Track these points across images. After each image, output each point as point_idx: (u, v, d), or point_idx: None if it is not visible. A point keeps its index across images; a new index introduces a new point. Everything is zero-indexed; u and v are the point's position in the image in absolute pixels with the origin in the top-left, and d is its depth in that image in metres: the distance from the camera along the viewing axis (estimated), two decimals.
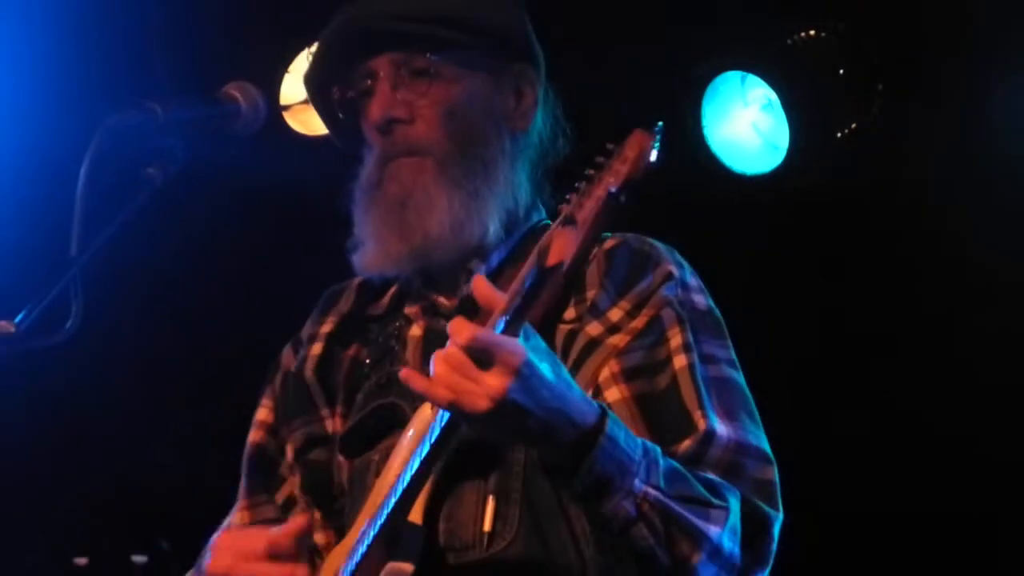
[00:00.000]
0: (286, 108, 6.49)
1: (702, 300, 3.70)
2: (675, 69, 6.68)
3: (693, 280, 3.72)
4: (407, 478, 3.45)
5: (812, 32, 6.66)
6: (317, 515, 3.82)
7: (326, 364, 3.90)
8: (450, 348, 3.18)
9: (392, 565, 3.49)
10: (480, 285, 3.28)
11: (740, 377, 3.69)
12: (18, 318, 3.31)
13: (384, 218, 3.73)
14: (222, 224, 6.24)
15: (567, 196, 3.33)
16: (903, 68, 6.64)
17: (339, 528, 3.71)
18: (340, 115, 3.87)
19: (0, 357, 3.28)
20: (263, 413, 4.00)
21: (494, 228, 3.73)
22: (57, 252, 3.40)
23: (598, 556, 3.49)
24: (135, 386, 6.32)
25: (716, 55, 6.70)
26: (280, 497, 3.93)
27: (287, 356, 4.01)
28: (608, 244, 3.70)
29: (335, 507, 3.76)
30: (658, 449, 3.38)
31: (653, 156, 3.24)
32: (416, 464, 3.44)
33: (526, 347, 3.19)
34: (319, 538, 3.78)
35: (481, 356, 3.14)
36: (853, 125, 6.65)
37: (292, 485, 3.91)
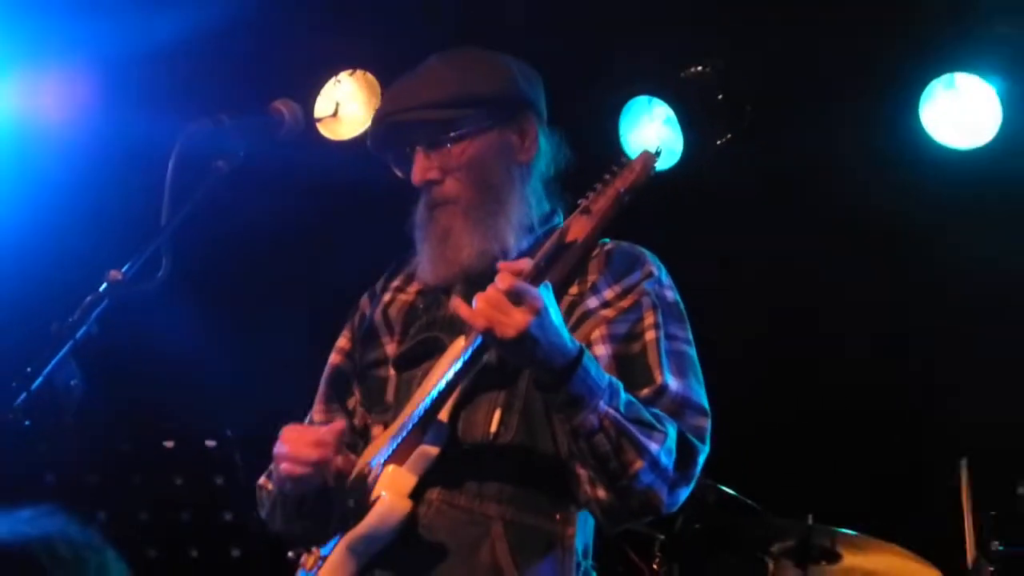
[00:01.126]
0: (318, 120, 6.44)
1: (671, 295, 3.68)
2: (601, 93, 6.73)
3: (667, 280, 3.71)
4: (442, 386, 3.50)
5: (699, 68, 6.69)
6: (371, 417, 3.83)
7: (392, 307, 3.91)
8: (490, 290, 3.25)
9: (423, 448, 3.55)
10: (505, 264, 3.34)
11: (693, 351, 3.66)
12: (124, 268, 3.34)
13: (434, 248, 3.72)
14: (270, 202, 6.25)
15: (586, 193, 3.35)
16: (765, 94, 6.70)
17: (384, 424, 3.73)
18: (397, 172, 3.85)
19: (113, 296, 3.31)
20: (343, 341, 3.99)
21: (514, 242, 3.70)
22: (152, 222, 3.42)
23: (569, 457, 3.48)
24: (212, 319, 6.32)
25: (631, 84, 6.75)
26: (350, 404, 3.93)
27: (364, 302, 4.00)
28: (608, 247, 3.69)
29: (383, 409, 3.76)
30: (621, 384, 3.41)
31: (654, 171, 3.33)
32: (450, 376, 3.49)
33: (544, 296, 3.26)
34: (375, 432, 3.78)
35: (514, 299, 3.22)
36: (728, 135, 6.70)
37: (357, 395, 3.92)
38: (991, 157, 6.43)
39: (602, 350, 3.56)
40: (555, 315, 3.30)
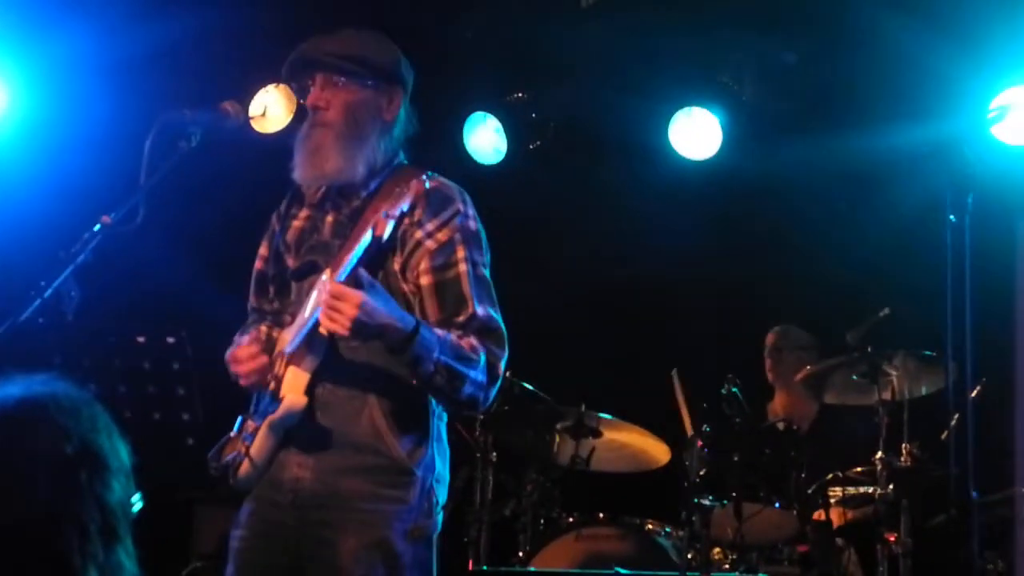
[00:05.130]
0: (252, 118, 6.30)
1: (474, 224, 3.53)
2: (450, 105, 6.76)
3: (472, 212, 3.54)
4: (315, 318, 3.40)
5: (520, 95, 6.76)
6: (282, 310, 3.70)
7: (289, 232, 3.74)
8: (324, 298, 3.25)
9: (310, 357, 3.48)
10: (332, 283, 3.29)
11: (488, 272, 3.53)
12: (112, 215, 3.30)
13: (306, 157, 3.59)
14: (219, 174, 6.12)
15: (389, 204, 3.36)
16: (564, 116, 6.80)
17: (292, 315, 3.62)
18: (299, 98, 3.74)
19: (103, 234, 3.28)
20: (263, 250, 3.80)
21: (361, 171, 3.59)
22: (133, 183, 3.38)
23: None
24: (173, 253, 6.15)
25: (474, 103, 6.78)
26: (269, 296, 3.79)
27: (274, 220, 3.82)
28: (429, 187, 3.46)
29: (287, 305, 3.67)
30: (449, 337, 3.37)
31: (425, 192, 3.40)
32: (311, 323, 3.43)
33: (365, 291, 3.23)
34: (286, 319, 3.66)
35: (342, 301, 3.22)
36: (538, 142, 6.77)
37: (271, 292, 3.78)
38: (715, 164, 6.71)
39: (426, 280, 3.46)
40: (380, 300, 3.26)
